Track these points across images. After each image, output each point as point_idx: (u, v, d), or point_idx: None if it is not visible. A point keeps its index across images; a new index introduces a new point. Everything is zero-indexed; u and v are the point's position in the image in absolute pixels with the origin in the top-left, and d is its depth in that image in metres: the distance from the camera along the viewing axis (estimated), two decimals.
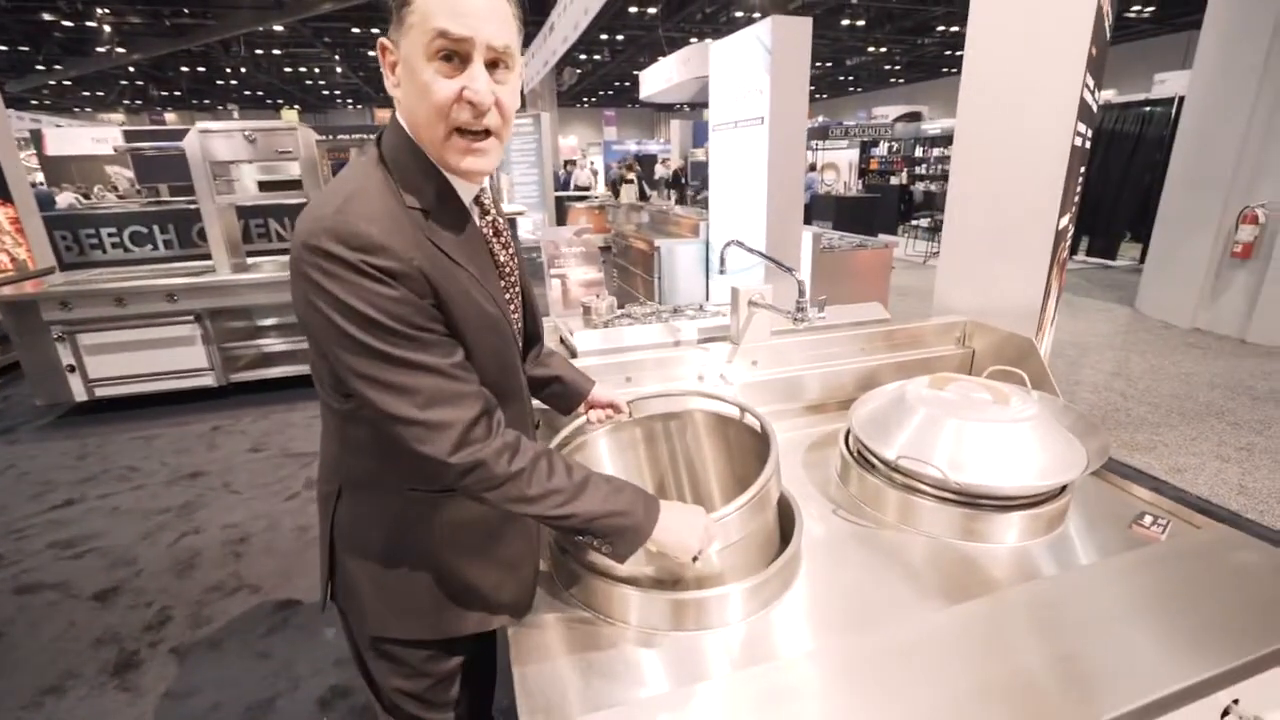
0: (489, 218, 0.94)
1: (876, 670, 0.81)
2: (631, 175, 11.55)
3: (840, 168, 13.96)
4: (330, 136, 12.06)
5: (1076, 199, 2.21)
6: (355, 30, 16.92)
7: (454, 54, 0.75)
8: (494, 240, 0.94)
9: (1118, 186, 8.45)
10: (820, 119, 19.92)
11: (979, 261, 1.78)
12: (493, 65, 0.78)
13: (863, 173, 15.13)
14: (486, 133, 0.80)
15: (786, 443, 1.55)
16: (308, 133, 4.13)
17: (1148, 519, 1.22)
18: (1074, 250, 9.18)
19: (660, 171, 14.13)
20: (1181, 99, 6.91)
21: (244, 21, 13.82)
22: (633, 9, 15.57)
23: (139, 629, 2.26)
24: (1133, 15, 15.76)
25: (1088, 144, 2.03)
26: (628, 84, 24.36)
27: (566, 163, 18.06)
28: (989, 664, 0.82)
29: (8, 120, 5.16)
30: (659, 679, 0.88)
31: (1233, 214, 5.25)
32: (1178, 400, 4.05)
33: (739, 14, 16.73)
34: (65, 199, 8.53)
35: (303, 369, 4.44)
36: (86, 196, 8.61)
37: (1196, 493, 3.00)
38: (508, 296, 0.95)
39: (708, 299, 4.72)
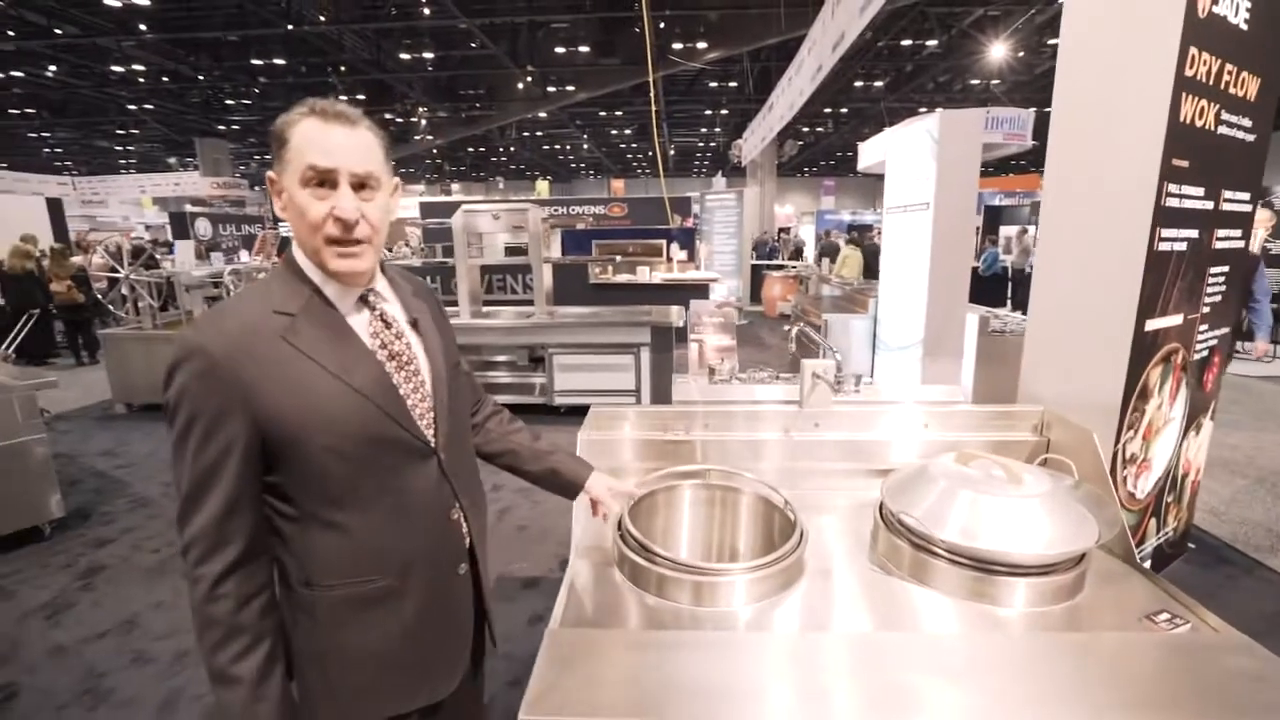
0: (376, 312, 1.02)
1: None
2: (852, 244, 9.83)
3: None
4: (565, 210, 14.05)
5: (1210, 302, 2.05)
6: (602, 113, 19.69)
7: (324, 181, 0.91)
8: (385, 332, 1.02)
9: None
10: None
11: (1059, 354, 1.82)
12: (359, 187, 0.93)
13: None
14: (358, 241, 0.94)
15: (834, 498, 1.76)
16: (536, 211, 5.18)
17: (1163, 616, 1.25)
18: None
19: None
20: None
21: (517, 110, 17.05)
22: (859, 83, 15.83)
23: None
24: None
25: (1200, 247, 1.89)
26: (850, 153, 24.47)
27: (781, 230, 18.41)
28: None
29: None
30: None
31: None
32: None
33: (974, 81, 16.07)
34: None
35: (523, 399, 5.33)
36: (389, 250, 11.27)
37: None
38: (401, 378, 1.01)
39: (872, 374, 4.77)
